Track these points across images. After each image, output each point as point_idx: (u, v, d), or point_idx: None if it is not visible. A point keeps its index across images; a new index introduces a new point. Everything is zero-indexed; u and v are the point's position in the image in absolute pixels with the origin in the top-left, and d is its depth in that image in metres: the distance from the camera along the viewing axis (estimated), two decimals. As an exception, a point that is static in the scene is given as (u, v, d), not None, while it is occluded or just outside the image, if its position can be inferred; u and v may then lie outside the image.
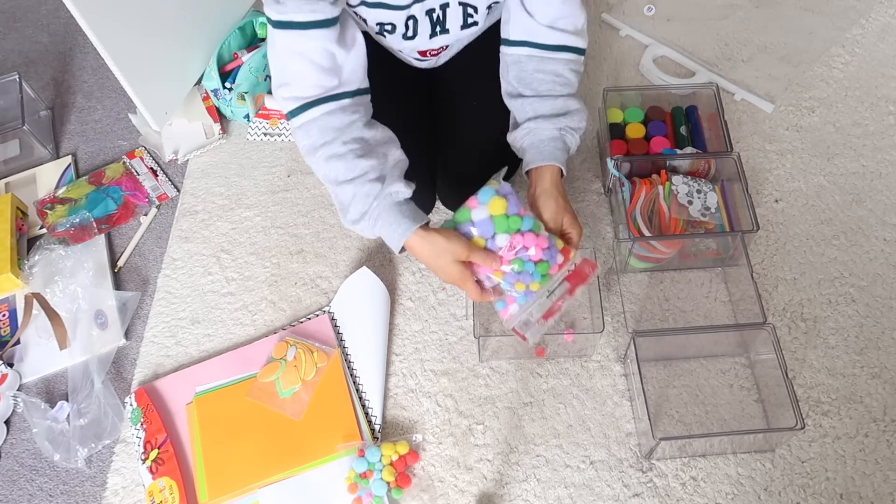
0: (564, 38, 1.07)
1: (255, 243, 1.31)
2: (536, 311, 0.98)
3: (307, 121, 1.00)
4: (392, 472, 1.03)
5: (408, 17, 1.06)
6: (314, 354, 1.13)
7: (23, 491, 1.11)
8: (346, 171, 0.99)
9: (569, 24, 1.06)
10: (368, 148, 1.01)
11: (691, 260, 1.19)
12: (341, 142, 0.99)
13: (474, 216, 0.96)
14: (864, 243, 1.21)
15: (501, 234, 0.95)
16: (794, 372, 1.09)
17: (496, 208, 0.96)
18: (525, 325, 0.98)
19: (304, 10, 0.94)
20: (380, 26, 1.07)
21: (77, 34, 1.66)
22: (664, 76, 1.44)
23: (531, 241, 0.96)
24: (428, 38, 1.11)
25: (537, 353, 1.13)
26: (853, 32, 1.48)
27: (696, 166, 1.24)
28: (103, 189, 1.39)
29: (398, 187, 0.99)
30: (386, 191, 0.98)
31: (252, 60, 1.41)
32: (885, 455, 1.02)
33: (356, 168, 0.98)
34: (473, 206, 0.97)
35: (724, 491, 1.01)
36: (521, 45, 1.09)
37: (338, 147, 0.99)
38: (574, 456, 1.06)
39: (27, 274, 1.28)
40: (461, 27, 1.11)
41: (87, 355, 1.19)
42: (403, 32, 1.09)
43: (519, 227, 0.96)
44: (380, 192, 0.98)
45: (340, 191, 1.00)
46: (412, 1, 1.03)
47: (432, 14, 1.07)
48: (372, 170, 0.99)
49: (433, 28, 1.09)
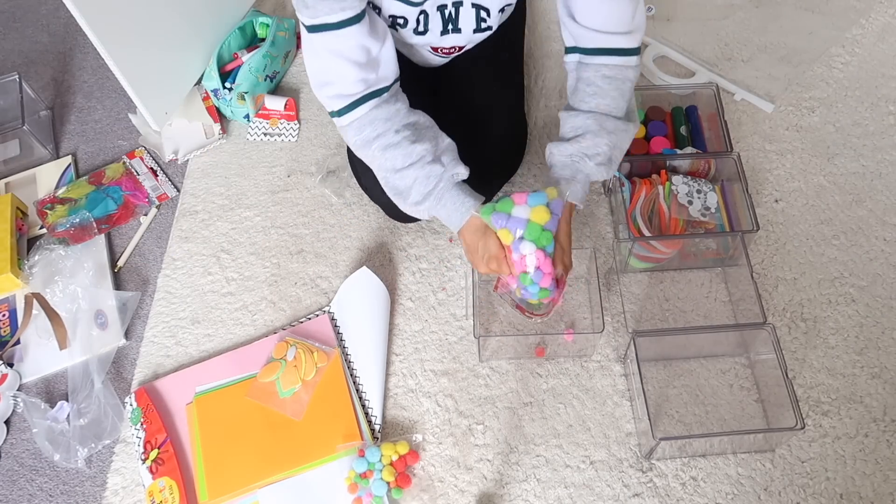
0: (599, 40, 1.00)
1: (255, 243, 1.31)
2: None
3: (357, 118, 1.03)
4: (392, 472, 1.03)
5: (420, 11, 1.06)
6: (314, 354, 1.13)
7: (23, 491, 1.11)
8: (403, 158, 1.02)
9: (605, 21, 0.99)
10: (418, 133, 1.04)
11: (691, 260, 1.19)
12: (393, 131, 1.02)
13: (514, 212, 0.97)
14: (864, 243, 1.21)
15: (528, 242, 0.95)
16: (794, 372, 1.09)
17: (539, 216, 0.96)
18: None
19: (335, 9, 0.96)
20: (392, 19, 1.08)
21: (77, 34, 1.66)
22: (664, 76, 1.44)
23: (547, 267, 0.96)
24: (439, 35, 1.11)
25: (537, 353, 1.13)
26: (853, 32, 1.48)
27: (696, 166, 1.24)
28: (103, 189, 1.38)
29: (459, 169, 1.03)
30: (449, 172, 1.02)
31: (252, 60, 1.41)
32: (885, 455, 1.02)
33: (413, 153, 1.01)
34: (519, 202, 0.97)
35: (724, 491, 1.01)
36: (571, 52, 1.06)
37: (391, 137, 1.02)
38: (574, 456, 1.06)
39: (27, 274, 1.28)
40: (474, 30, 1.11)
41: (87, 355, 1.19)
42: (415, 27, 1.09)
43: (545, 247, 0.96)
44: (443, 173, 1.02)
45: (399, 177, 1.03)
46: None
47: (444, 11, 1.07)
48: (427, 153, 1.02)
49: (445, 25, 1.10)
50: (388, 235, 1.29)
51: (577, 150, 1.02)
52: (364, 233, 1.29)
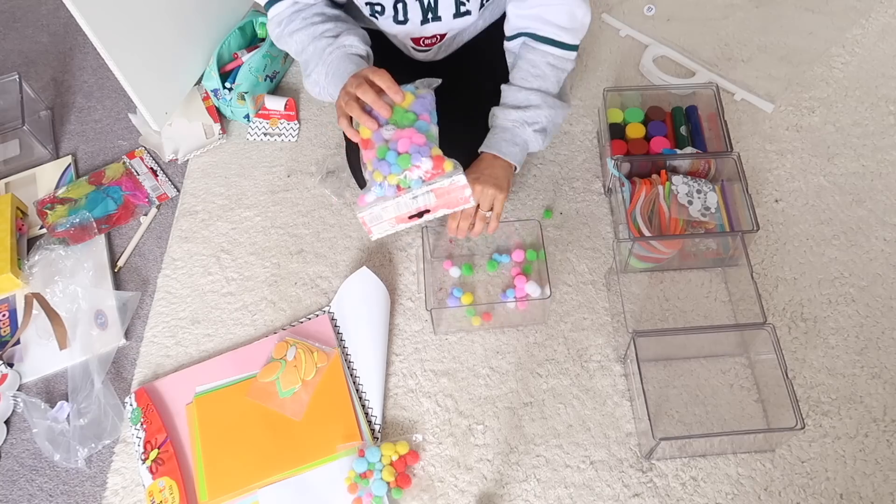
0: (549, 31, 1.09)
1: (255, 243, 1.31)
2: (392, 209, 0.97)
3: (279, 10, 1.10)
4: (392, 473, 1.04)
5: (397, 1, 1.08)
6: (314, 354, 1.13)
7: (23, 491, 1.11)
8: (306, 38, 1.08)
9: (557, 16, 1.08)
10: (331, 19, 1.08)
11: (691, 260, 1.19)
12: (301, 17, 1.08)
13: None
14: (864, 243, 1.21)
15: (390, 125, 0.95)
16: (794, 372, 1.09)
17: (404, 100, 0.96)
18: (375, 218, 0.98)
19: None
20: (370, 7, 1.10)
21: (77, 34, 1.66)
22: (664, 76, 1.44)
23: (405, 135, 0.94)
24: (419, 25, 1.12)
25: (484, 318, 1.16)
26: (853, 32, 1.48)
27: (696, 166, 1.24)
28: (103, 189, 1.39)
29: (351, 40, 1.05)
30: (338, 42, 1.05)
31: (252, 60, 1.41)
32: (885, 455, 1.02)
33: (315, 32, 1.08)
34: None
35: (724, 491, 1.01)
36: (517, 37, 1.13)
37: (298, 23, 1.09)
38: (574, 456, 1.06)
39: (27, 274, 1.28)
40: (454, 15, 1.12)
41: (87, 355, 1.19)
42: (393, 15, 1.10)
43: (407, 125, 0.95)
44: (332, 43, 1.05)
45: (303, 56, 1.08)
46: None
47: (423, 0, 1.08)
48: (328, 31, 1.06)
49: (424, 14, 1.11)
50: (388, 235, 1.28)
51: (519, 118, 1.10)
52: (364, 233, 1.29)
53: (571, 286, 1.20)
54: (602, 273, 1.21)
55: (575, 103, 1.41)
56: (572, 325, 1.17)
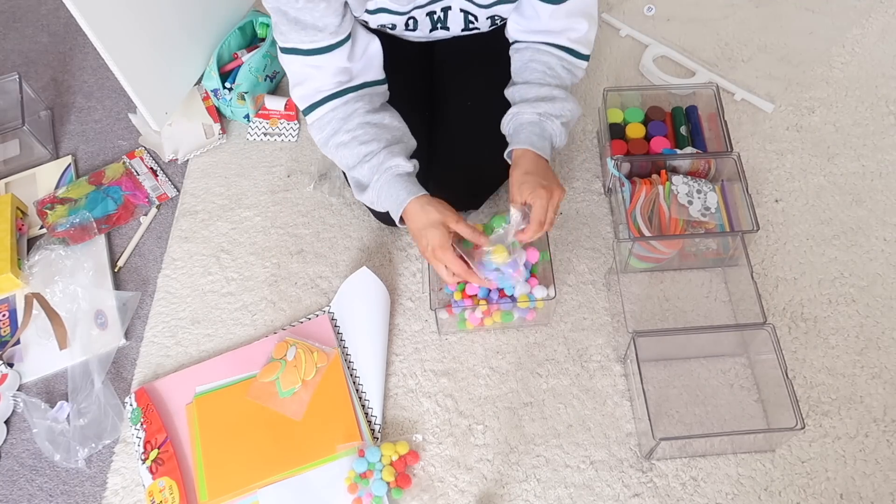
0: (564, 41, 1.10)
1: (255, 243, 1.31)
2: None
3: (318, 118, 1.09)
4: (392, 473, 1.04)
5: (408, 17, 1.09)
6: (314, 354, 1.13)
7: (23, 491, 1.11)
8: (352, 159, 1.08)
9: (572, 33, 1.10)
10: (374, 133, 1.08)
11: (691, 260, 1.19)
12: (345, 131, 1.07)
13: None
14: (864, 243, 1.21)
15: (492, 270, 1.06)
16: (794, 372, 1.09)
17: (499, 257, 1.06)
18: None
19: (305, 41, 1.02)
20: (381, 27, 1.12)
21: (77, 34, 1.66)
22: (664, 76, 1.44)
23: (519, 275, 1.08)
24: (428, 32, 1.15)
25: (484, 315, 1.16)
26: (853, 32, 1.48)
27: (696, 166, 1.24)
28: (103, 189, 1.38)
29: (397, 161, 1.06)
30: (385, 164, 1.05)
31: (252, 60, 1.41)
32: (885, 455, 1.02)
33: (360, 153, 1.07)
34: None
35: (724, 491, 1.01)
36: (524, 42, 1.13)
37: (342, 136, 1.08)
38: (574, 456, 1.06)
39: (27, 274, 1.28)
40: (462, 29, 1.14)
41: (87, 355, 1.19)
42: (404, 29, 1.12)
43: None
44: (380, 165, 1.05)
45: (355, 174, 1.09)
46: (412, 7, 1.06)
47: (433, 16, 1.10)
48: (372, 152, 1.06)
49: (434, 25, 1.13)
50: (388, 235, 1.29)
51: (545, 110, 1.08)
52: (364, 233, 1.29)
53: (571, 286, 1.20)
54: (602, 273, 1.21)
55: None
56: (572, 325, 1.17)
